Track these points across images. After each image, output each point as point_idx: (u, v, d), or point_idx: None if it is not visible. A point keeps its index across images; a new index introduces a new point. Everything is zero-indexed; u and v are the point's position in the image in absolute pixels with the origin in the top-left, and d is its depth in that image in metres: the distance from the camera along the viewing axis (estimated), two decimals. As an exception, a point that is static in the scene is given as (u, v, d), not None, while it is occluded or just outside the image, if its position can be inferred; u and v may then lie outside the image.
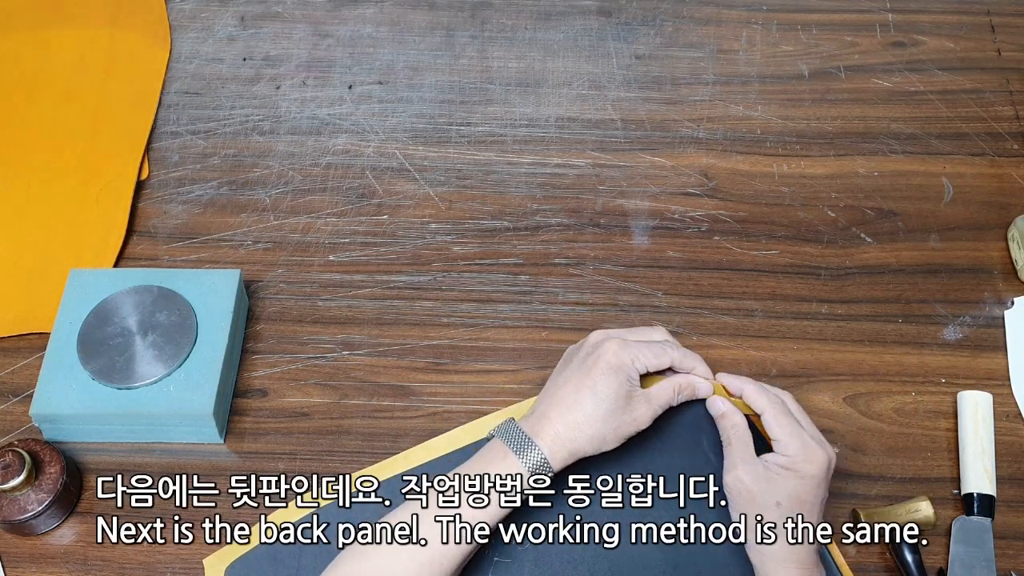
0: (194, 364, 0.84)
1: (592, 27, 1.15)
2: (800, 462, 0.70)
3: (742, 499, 0.71)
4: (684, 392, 0.76)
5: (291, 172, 1.02)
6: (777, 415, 0.73)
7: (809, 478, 0.70)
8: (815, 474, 0.70)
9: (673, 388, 0.76)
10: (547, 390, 0.76)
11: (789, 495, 0.70)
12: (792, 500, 0.70)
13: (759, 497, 0.70)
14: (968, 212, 0.99)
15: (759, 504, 0.70)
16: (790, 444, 0.71)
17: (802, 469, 0.70)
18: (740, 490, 0.71)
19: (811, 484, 0.70)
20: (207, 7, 1.16)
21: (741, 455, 0.72)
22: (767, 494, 0.70)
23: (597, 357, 0.73)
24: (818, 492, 0.71)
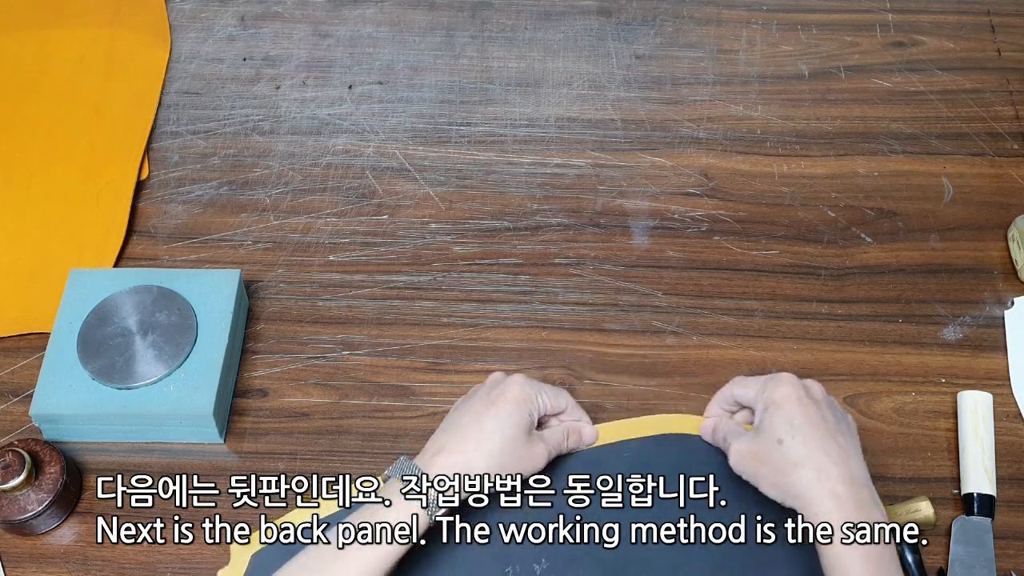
0: (194, 364, 0.84)
1: (592, 27, 1.15)
2: (768, 396, 0.71)
3: (753, 468, 0.70)
4: (572, 437, 0.78)
5: (291, 172, 1.02)
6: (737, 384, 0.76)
7: (786, 401, 0.70)
8: (788, 394, 0.70)
9: (563, 431, 0.77)
10: (445, 427, 0.75)
11: (782, 428, 0.69)
12: (789, 431, 0.68)
13: (761, 450, 0.70)
14: (968, 212, 0.99)
15: (765, 457, 0.69)
16: (752, 390, 0.73)
17: (771, 397, 0.70)
18: (743, 457, 0.71)
19: (795, 407, 0.69)
20: (207, 7, 1.16)
21: (734, 437, 0.73)
22: (765, 442, 0.70)
23: (502, 391, 0.74)
24: (815, 412, 0.69)
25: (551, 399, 0.77)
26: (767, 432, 0.70)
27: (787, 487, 0.68)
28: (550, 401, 0.76)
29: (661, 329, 0.92)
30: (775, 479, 0.69)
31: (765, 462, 0.69)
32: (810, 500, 0.66)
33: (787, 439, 0.68)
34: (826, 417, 0.70)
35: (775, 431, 0.69)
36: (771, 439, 0.69)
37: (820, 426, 0.69)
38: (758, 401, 0.72)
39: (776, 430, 0.69)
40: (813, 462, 0.67)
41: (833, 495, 0.66)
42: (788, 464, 0.68)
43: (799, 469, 0.67)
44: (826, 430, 0.69)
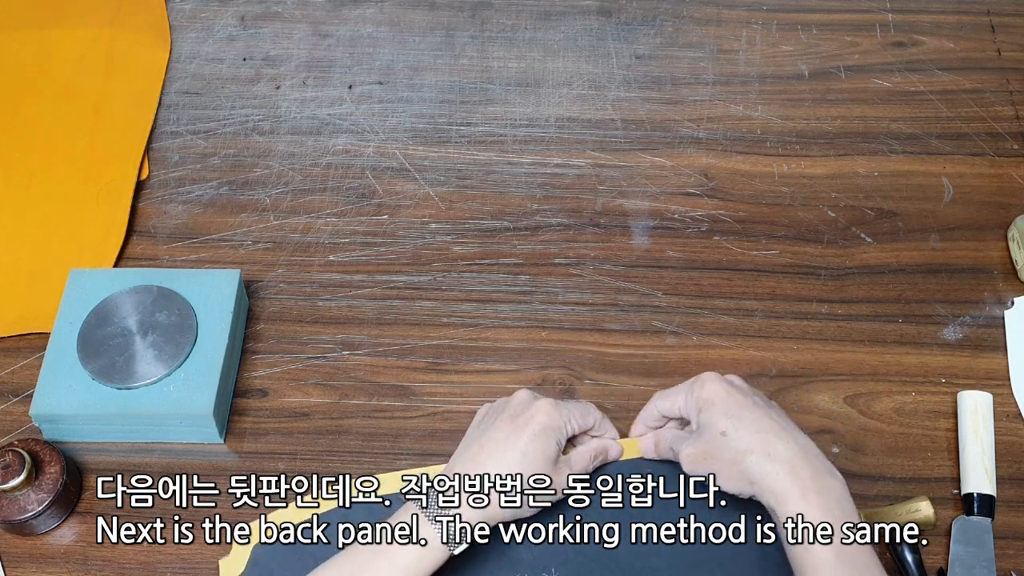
0: (194, 364, 0.84)
1: (592, 27, 1.15)
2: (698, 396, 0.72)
3: (706, 467, 0.71)
4: (599, 458, 0.77)
5: (291, 172, 1.02)
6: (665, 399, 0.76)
7: (717, 396, 0.71)
8: (716, 389, 0.71)
9: (591, 454, 0.76)
10: (466, 447, 0.73)
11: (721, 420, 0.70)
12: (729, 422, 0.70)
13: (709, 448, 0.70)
14: (968, 212, 0.99)
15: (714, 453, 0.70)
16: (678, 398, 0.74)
17: (702, 395, 0.71)
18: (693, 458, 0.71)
19: (727, 399, 0.71)
20: (207, 7, 1.16)
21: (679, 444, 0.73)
22: (710, 439, 0.70)
23: (530, 417, 0.72)
24: (746, 399, 0.71)
25: (579, 421, 0.75)
26: (709, 429, 0.71)
27: (742, 476, 0.68)
28: (579, 423, 0.75)
29: (661, 329, 0.92)
30: (729, 471, 0.69)
31: (716, 458, 0.70)
32: (767, 482, 0.67)
33: (730, 430, 0.69)
34: (757, 402, 0.72)
35: (716, 426, 0.70)
36: (714, 434, 0.70)
37: (755, 410, 0.70)
38: (688, 406, 0.73)
39: (716, 425, 0.70)
40: (761, 444, 0.68)
41: (790, 471, 0.67)
42: (737, 453, 0.69)
43: (749, 455, 0.68)
44: (762, 412, 0.70)
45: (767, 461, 0.67)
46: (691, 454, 0.72)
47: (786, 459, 0.67)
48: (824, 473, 0.67)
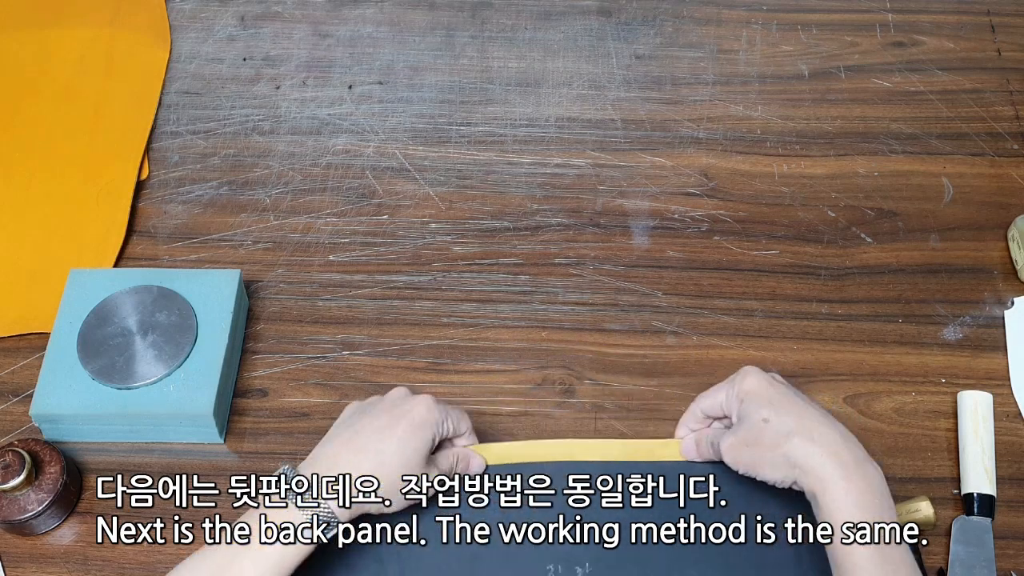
0: (194, 364, 0.84)
1: (592, 27, 1.15)
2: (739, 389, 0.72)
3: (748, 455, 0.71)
4: (460, 464, 0.76)
5: (291, 172, 1.02)
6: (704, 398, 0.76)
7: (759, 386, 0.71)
8: (758, 380, 0.72)
9: (453, 457, 0.75)
10: (336, 435, 0.72)
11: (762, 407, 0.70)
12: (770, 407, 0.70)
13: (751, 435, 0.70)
14: (968, 212, 0.99)
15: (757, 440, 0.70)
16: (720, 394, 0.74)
17: (743, 388, 0.72)
18: (736, 448, 0.71)
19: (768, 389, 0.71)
20: (207, 7, 1.16)
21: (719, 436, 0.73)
22: (752, 427, 0.70)
23: (409, 410, 0.71)
24: (787, 390, 0.72)
25: (455, 424, 0.74)
26: (750, 418, 0.71)
27: (784, 460, 0.69)
28: (454, 426, 0.74)
29: (661, 329, 0.92)
30: (771, 456, 0.69)
31: (758, 445, 0.70)
32: (811, 465, 0.67)
33: (772, 416, 0.70)
34: (795, 393, 0.72)
35: (757, 414, 0.70)
36: (757, 422, 0.70)
37: (796, 399, 0.71)
38: (731, 400, 0.73)
39: (758, 413, 0.70)
40: (802, 428, 0.69)
41: (832, 454, 0.67)
42: (780, 437, 0.69)
43: (792, 438, 0.68)
44: (803, 401, 0.71)
45: (810, 443, 0.68)
46: (733, 443, 0.72)
47: (828, 442, 0.68)
48: (864, 460, 0.68)
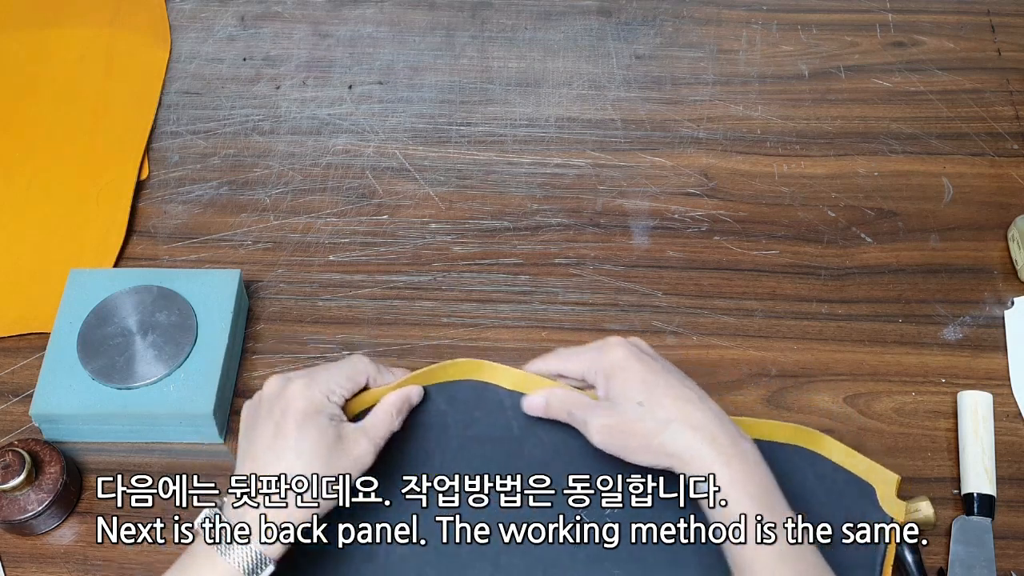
0: (194, 364, 0.84)
1: (592, 27, 1.15)
2: (608, 363, 0.68)
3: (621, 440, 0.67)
4: (402, 410, 0.71)
5: (291, 172, 1.02)
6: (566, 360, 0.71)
7: (627, 362, 0.67)
8: (624, 355, 0.68)
9: (388, 412, 0.69)
10: (240, 457, 0.67)
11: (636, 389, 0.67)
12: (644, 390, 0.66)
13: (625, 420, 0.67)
14: (968, 212, 0.99)
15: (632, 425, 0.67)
16: (586, 358, 0.69)
17: (612, 362, 0.68)
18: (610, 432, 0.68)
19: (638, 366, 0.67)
20: (207, 7, 1.16)
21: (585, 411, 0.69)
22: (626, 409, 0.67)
23: (285, 407, 0.65)
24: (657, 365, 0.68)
25: (346, 384, 0.68)
26: (623, 399, 0.67)
27: (661, 448, 0.66)
28: (347, 387, 0.68)
29: (661, 329, 0.92)
30: (646, 444, 0.66)
31: (633, 433, 0.67)
32: (690, 455, 0.65)
33: (645, 399, 0.66)
34: (667, 367, 0.69)
35: (631, 395, 0.67)
36: (631, 405, 0.67)
37: (668, 377, 0.68)
38: (595, 372, 0.69)
39: (631, 394, 0.67)
40: (680, 414, 0.66)
41: (710, 440, 0.65)
42: (657, 424, 0.66)
43: (670, 425, 0.65)
44: (675, 379, 0.68)
45: (689, 431, 0.65)
46: (604, 426, 0.68)
47: (706, 427, 0.65)
48: (738, 437, 0.66)
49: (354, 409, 0.73)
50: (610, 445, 0.69)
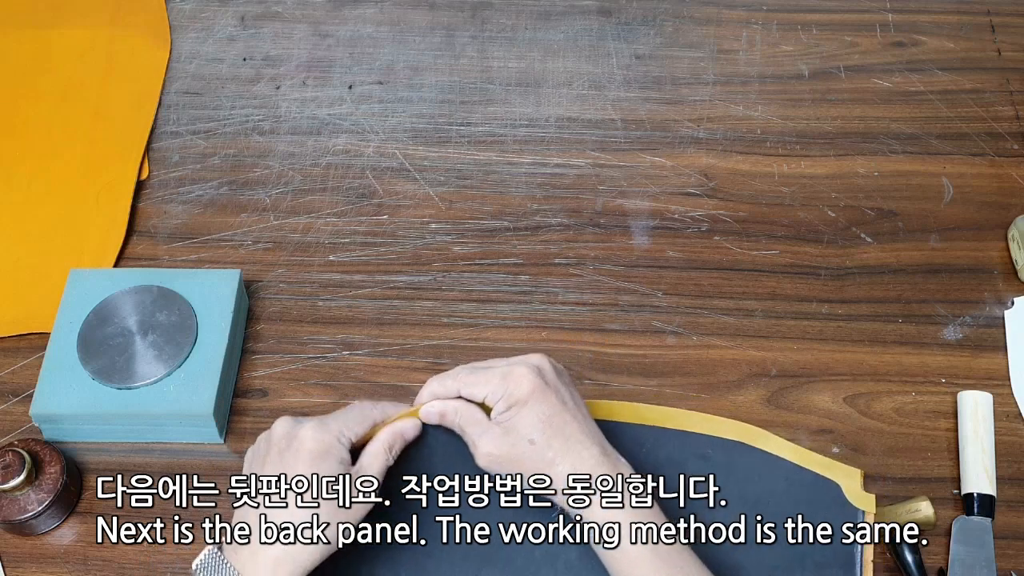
0: (194, 364, 0.84)
1: (592, 27, 1.15)
2: (511, 393, 0.67)
3: (508, 469, 0.68)
4: (395, 446, 0.70)
5: (291, 172, 1.02)
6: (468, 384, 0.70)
7: (531, 397, 0.67)
8: (530, 390, 0.67)
9: (383, 449, 0.69)
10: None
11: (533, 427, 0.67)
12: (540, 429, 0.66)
13: (514, 453, 0.67)
14: (968, 212, 0.99)
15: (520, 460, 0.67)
16: (490, 386, 0.68)
17: (515, 394, 0.67)
18: (496, 460, 0.68)
19: (539, 401, 0.67)
20: (207, 7, 1.16)
21: (477, 431, 0.69)
22: (517, 444, 0.67)
23: (297, 449, 0.66)
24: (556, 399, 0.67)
25: (356, 428, 0.69)
26: (517, 433, 0.67)
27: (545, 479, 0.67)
28: (356, 431, 0.69)
29: (661, 329, 0.92)
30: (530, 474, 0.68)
31: (520, 464, 0.67)
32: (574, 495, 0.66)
33: (539, 438, 0.67)
34: (564, 400, 0.68)
35: (525, 431, 0.67)
36: (522, 440, 0.67)
37: (564, 413, 0.67)
38: (497, 398, 0.69)
39: (526, 430, 0.67)
40: (569, 455, 0.66)
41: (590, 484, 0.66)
42: (544, 463, 0.67)
43: (556, 466, 0.66)
44: (570, 416, 0.68)
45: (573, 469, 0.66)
46: (493, 455, 0.68)
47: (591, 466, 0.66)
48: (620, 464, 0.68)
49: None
50: (493, 469, 0.69)
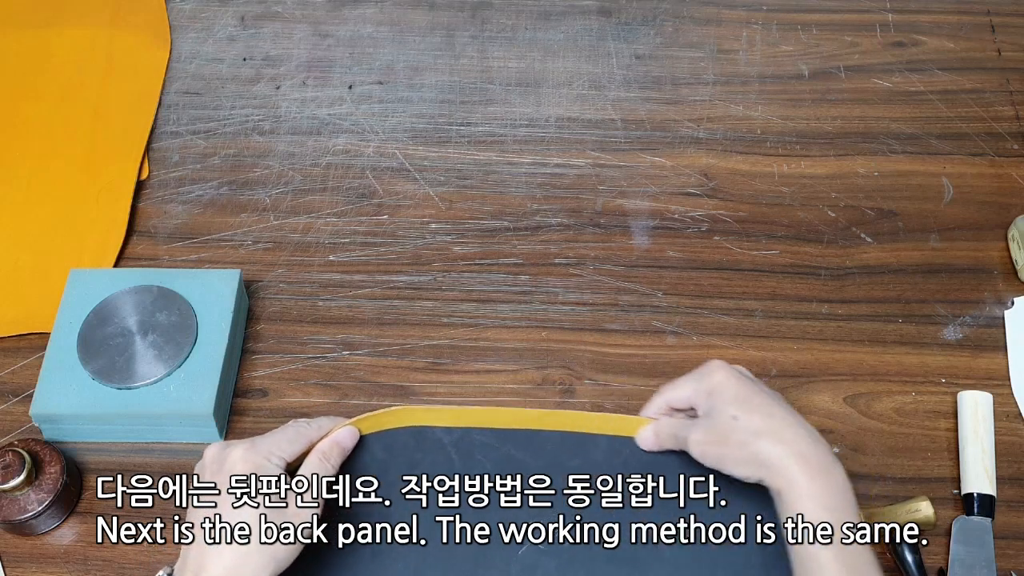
0: (194, 364, 0.84)
1: (592, 27, 1.15)
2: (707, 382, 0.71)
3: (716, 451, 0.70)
4: (332, 456, 0.71)
5: (291, 172, 1.02)
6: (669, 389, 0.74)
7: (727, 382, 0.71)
8: (726, 375, 0.71)
9: (318, 459, 0.70)
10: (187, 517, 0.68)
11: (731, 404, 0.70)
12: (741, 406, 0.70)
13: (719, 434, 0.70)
14: (968, 212, 0.99)
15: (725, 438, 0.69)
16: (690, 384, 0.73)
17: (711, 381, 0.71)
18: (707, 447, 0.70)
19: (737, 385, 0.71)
20: (207, 7, 1.16)
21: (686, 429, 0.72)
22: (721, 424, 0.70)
23: (228, 471, 0.67)
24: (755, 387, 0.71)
25: (288, 447, 0.69)
26: (720, 414, 0.70)
27: (752, 458, 0.68)
28: (288, 450, 0.69)
29: (661, 329, 0.92)
30: (739, 454, 0.69)
31: (726, 443, 0.70)
32: (778, 465, 0.67)
33: (741, 414, 0.69)
34: (765, 390, 0.72)
35: (727, 410, 0.70)
36: (726, 419, 0.70)
37: (764, 397, 0.71)
38: (699, 394, 0.73)
39: (727, 409, 0.70)
40: (771, 428, 0.68)
41: (798, 454, 0.67)
42: (749, 436, 0.69)
43: (760, 439, 0.68)
44: (770, 399, 0.71)
45: (777, 444, 0.68)
46: (701, 439, 0.71)
47: (794, 443, 0.68)
48: (830, 462, 0.68)
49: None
50: (707, 455, 0.71)
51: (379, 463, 0.75)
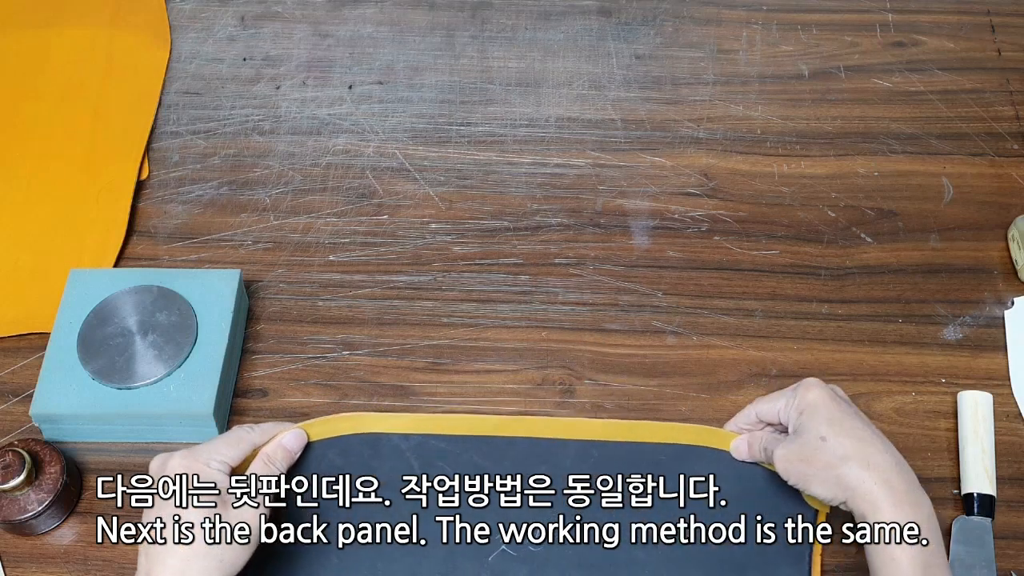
0: (194, 364, 0.84)
1: (592, 27, 1.15)
2: (801, 399, 0.72)
3: (801, 469, 0.70)
4: (277, 459, 0.72)
5: (291, 172, 1.02)
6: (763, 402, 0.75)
7: (821, 401, 0.71)
8: (820, 394, 0.71)
9: (263, 461, 0.71)
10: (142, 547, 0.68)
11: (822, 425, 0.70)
12: (831, 428, 0.69)
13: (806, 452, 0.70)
14: (968, 212, 0.99)
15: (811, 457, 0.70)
16: (779, 402, 0.73)
17: (805, 399, 0.71)
18: (789, 461, 0.71)
19: (830, 405, 0.71)
20: (207, 7, 1.16)
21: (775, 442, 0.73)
22: (808, 442, 0.70)
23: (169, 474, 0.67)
24: (849, 409, 0.71)
25: (229, 451, 0.70)
26: (808, 433, 0.70)
27: (837, 482, 0.68)
28: (229, 454, 0.70)
29: (661, 329, 0.92)
30: (824, 476, 0.69)
31: (812, 462, 0.70)
32: (863, 490, 0.67)
33: (830, 436, 0.69)
34: (857, 412, 0.72)
35: (816, 430, 0.70)
36: (814, 438, 0.70)
37: (857, 421, 0.70)
38: (790, 408, 0.73)
39: (817, 429, 0.70)
40: (859, 454, 0.68)
41: (884, 481, 0.67)
42: (836, 459, 0.69)
43: (848, 463, 0.68)
44: (863, 424, 0.71)
45: (864, 469, 0.68)
46: (787, 456, 0.71)
47: (882, 469, 0.68)
48: (916, 489, 0.68)
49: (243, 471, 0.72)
50: (790, 472, 0.71)
51: (335, 468, 0.75)
